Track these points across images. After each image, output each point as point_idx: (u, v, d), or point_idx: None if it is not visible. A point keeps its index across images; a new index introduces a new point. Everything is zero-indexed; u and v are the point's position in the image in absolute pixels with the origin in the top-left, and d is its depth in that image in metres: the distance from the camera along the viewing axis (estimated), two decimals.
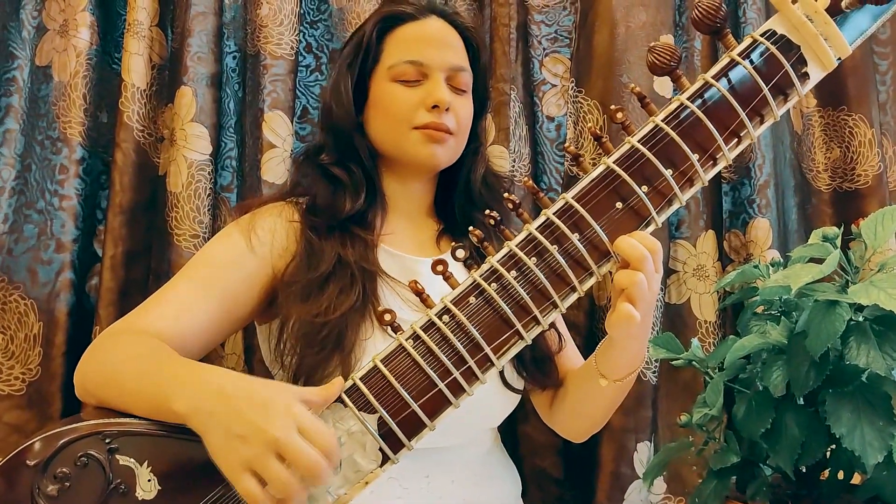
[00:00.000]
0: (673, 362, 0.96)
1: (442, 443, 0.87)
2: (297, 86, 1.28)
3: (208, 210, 1.19)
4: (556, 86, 1.32)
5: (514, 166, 1.27)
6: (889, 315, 0.76)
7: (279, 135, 1.22)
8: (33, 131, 1.20)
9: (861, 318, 0.78)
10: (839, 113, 1.31)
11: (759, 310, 0.95)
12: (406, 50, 0.95)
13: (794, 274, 0.78)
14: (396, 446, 0.66)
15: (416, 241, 0.98)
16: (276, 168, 1.21)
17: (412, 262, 0.93)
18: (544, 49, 1.33)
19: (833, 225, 0.99)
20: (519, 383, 0.94)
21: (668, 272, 1.27)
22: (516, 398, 0.95)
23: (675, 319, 1.26)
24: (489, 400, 0.90)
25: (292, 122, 1.25)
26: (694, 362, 0.94)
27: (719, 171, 1.27)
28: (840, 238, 0.85)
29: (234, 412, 0.62)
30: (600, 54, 1.27)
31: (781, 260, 1.03)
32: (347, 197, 0.93)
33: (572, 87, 1.30)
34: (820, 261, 0.79)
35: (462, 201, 1.01)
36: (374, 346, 0.83)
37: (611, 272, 0.72)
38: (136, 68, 1.20)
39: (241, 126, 1.27)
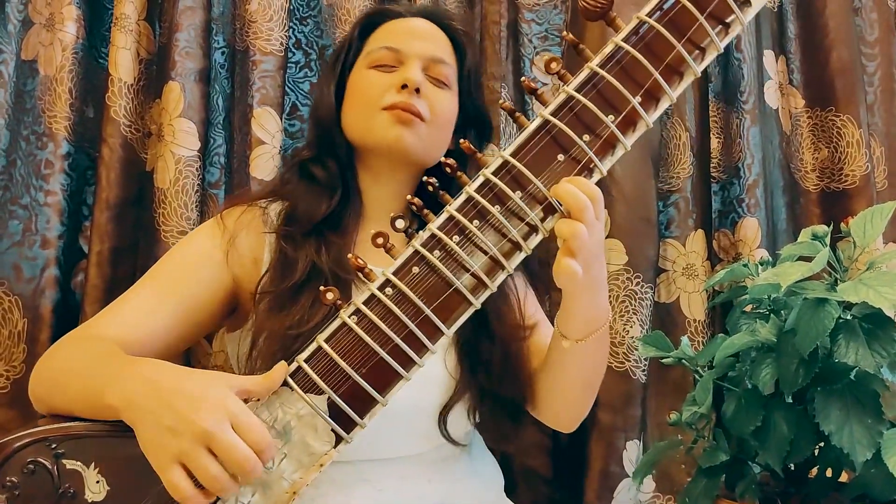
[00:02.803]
0: (662, 361, 0.96)
1: (413, 449, 0.87)
2: (287, 82, 1.27)
3: (196, 206, 1.18)
4: (546, 84, 1.32)
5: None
6: (878, 313, 0.76)
7: (268, 131, 1.21)
8: (18, 126, 1.18)
9: (850, 316, 0.78)
10: (827, 113, 1.31)
11: (748, 308, 0.95)
12: (385, 38, 0.95)
13: (783, 272, 0.79)
14: (349, 426, 0.64)
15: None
16: (264, 164, 1.20)
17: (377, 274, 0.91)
18: (535, 47, 1.32)
19: (821, 224, 0.99)
20: (466, 427, 0.91)
21: (658, 271, 1.27)
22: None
23: (664, 318, 1.26)
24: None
25: (281, 119, 1.24)
26: (683, 361, 0.95)
27: (708, 171, 1.29)
28: (829, 236, 0.85)
29: (164, 404, 0.61)
30: (592, 52, 1.27)
31: (770, 259, 1.03)
32: (323, 197, 0.91)
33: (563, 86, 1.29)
34: (809, 259, 0.79)
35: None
36: None
37: None
38: (123, 63, 1.19)
39: (229, 122, 1.25)
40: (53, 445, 0.65)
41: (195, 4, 1.22)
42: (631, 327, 1.22)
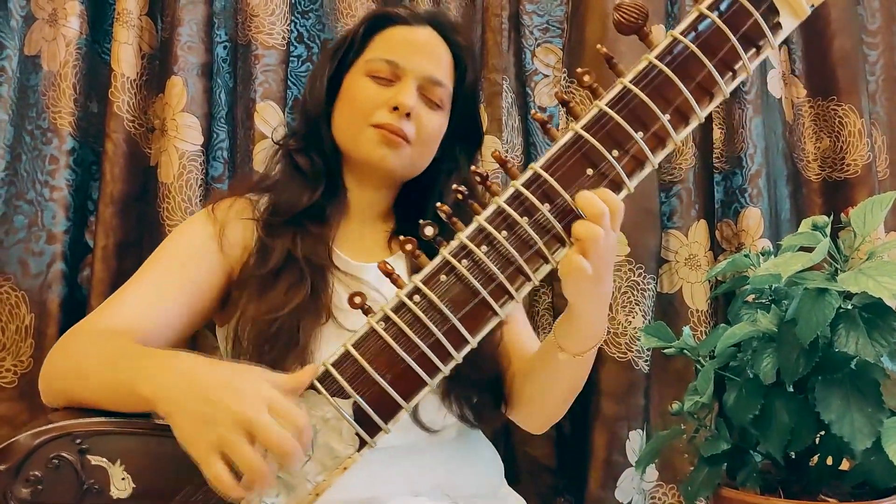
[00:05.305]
0: (665, 351, 0.97)
1: (403, 438, 0.87)
2: (289, 76, 1.27)
3: (200, 201, 1.18)
4: (548, 76, 1.32)
5: (506, 157, 1.27)
6: (878, 302, 0.77)
7: (271, 125, 1.22)
8: (23, 121, 1.19)
9: (850, 306, 0.79)
10: (829, 103, 1.31)
11: (750, 298, 0.95)
12: (387, 49, 0.95)
13: (784, 262, 0.79)
14: (373, 430, 0.65)
15: (364, 246, 0.97)
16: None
17: (356, 268, 0.92)
18: (536, 39, 1.33)
19: (823, 214, 1.00)
20: (441, 418, 0.90)
21: (661, 262, 1.27)
22: None
23: (667, 308, 1.27)
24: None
25: (284, 113, 1.24)
26: (685, 350, 0.95)
27: (711, 161, 1.29)
28: (830, 227, 0.86)
29: (201, 396, 0.61)
30: (592, 44, 1.27)
31: (772, 249, 1.04)
32: (305, 188, 0.93)
33: (564, 78, 1.30)
34: (810, 249, 0.80)
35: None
36: (328, 340, 0.84)
37: None
38: (125, 58, 1.19)
39: (232, 116, 1.26)
40: (78, 441, 0.64)
41: None
42: (633, 318, 1.22)
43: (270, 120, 1.22)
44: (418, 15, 0.99)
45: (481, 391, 0.93)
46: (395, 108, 0.91)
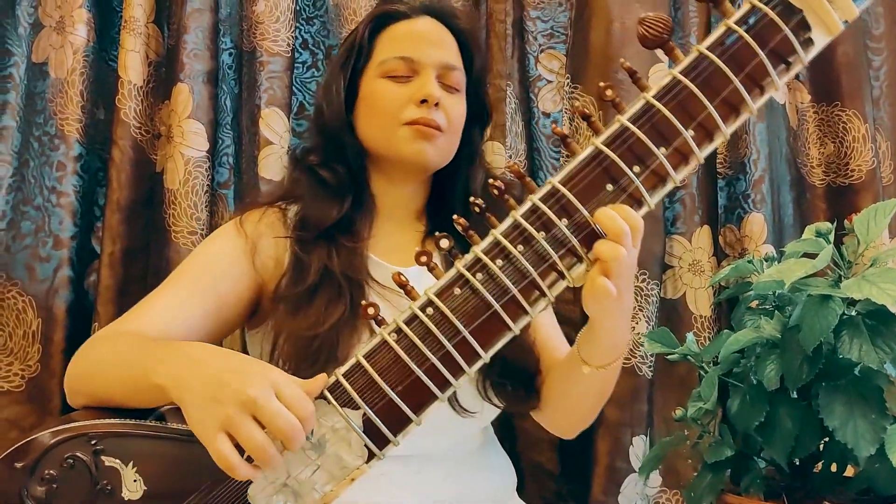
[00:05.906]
0: (668, 357, 0.97)
1: (430, 447, 0.88)
2: (294, 82, 1.28)
3: (206, 207, 1.19)
4: (551, 82, 1.33)
5: (509, 162, 1.27)
6: (881, 309, 0.76)
7: (276, 131, 1.22)
8: (30, 128, 1.20)
9: (854, 313, 0.79)
10: (833, 108, 1.31)
11: (754, 304, 0.95)
12: (397, 46, 0.95)
13: (787, 269, 0.79)
14: (382, 442, 0.64)
15: (399, 248, 0.97)
16: (273, 165, 1.22)
17: (392, 272, 0.92)
18: (540, 45, 1.33)
19: (827, 220, 0.99)
20: (479, 404, 0.91)
21: (664, 267, 1.28)
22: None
23: (670, 314, 1.27)
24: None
25: (289, 119, 1.25)
26: (689, 356, 0.95)
27: (714, 167, 1.29)
28: (833, 233, 0.86)
29: (211, 378, 0.62)
30: (596, 50, 1.27)
31: (776, 255, 1.03)
32: (334, 202, 0.93)
33: (568, 84, 1.30)
34: (813, 256, 0.80)
35: (462, 212, 0.98)
36: None
37: None
38: (132, 65, 1.20)
39: (237, 123, 1.27)
40: (93, 441, 0.65)
41: (203, 6, 1.23)
42: (637, 323, 1.23)
43: (275, 126, 1.22)
44: (415, 7, 1.00)
45: (515, 381, 0.93)
46: (423, 101, 0.91)
